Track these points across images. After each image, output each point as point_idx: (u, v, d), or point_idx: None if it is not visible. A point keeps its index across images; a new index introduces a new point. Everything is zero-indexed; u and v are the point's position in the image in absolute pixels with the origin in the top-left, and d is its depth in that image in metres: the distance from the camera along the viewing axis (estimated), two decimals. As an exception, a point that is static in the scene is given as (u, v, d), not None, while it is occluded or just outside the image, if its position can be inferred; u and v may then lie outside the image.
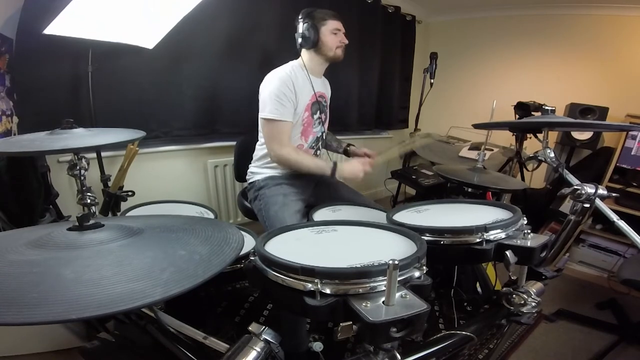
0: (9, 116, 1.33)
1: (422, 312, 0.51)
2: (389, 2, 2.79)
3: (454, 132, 3.22)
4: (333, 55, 1.38)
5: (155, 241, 0.57)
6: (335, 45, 1.36)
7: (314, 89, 1.39)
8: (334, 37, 1.35)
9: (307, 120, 1.41)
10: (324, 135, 1.54)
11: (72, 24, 1.21)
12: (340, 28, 1.37)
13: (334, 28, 1.35)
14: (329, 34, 1.34)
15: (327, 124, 1.56)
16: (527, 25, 2.80)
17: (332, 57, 1.39)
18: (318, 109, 1.44)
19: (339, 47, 1.37)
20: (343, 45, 1.38)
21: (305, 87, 1.36)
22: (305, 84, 1.36)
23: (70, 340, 1.28)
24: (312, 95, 1.39)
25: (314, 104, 1.41)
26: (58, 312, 0.37)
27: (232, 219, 2.22)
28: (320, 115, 1.46)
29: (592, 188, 0.82)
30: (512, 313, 0.90)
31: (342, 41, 1.37)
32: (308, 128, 1.43)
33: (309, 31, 1.32)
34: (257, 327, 0.59)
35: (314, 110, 1.42)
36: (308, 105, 1.38)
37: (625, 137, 2.13)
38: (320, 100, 1.44)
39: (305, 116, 1.39)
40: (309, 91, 1.38)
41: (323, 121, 1.50)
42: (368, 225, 0.86)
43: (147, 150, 1.77)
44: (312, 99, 1.39)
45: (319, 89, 1.43)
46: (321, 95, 1.45)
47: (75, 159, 1.02)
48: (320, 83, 1.48)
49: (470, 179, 1.42)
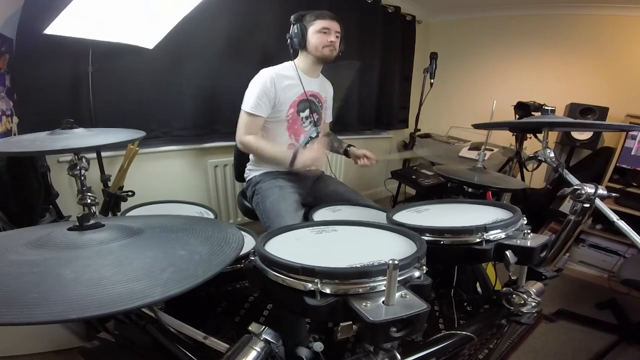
0: (9, 116, 1.33)
1: (422, 312, 0.51)
2: (389, 2, 2.79)
3: (454, 132, 3.22)
4: (320, 55, 1.37)
5: (155, 241, 0.57)
6: (321, 45, 1.35)
7: (304, 88, 1.39)
8: (321, 36, 1.34)
9: (292, 117, 1.41)
10: (318, 136, 1.52)
11: (72, 24, 1.21)
12: (329, 27, 1.35)
13: (322, 27, 1.34)
14: (314, 33, 1.34)
15: (323, 125, 1.55)
16: (527, 25, 2.80)
17: (319, 57, 1.39)
18: (308, 107, 1.44)
19: (325, 47, 1.36)
20: (331, 45, 1.36)
21: (291, 84, 1.38)
22: (292, 81, 1.38)
23: (70, 340, 1.28)
24: (302, 93, 1.40)
25: (302, 102, 1.41)
26: (58, 312, 0.37)
27: (232, 219, 2.22)
28: (311, 115, 1.46)
29: (592, 188, 0.82)
30: (512, 313, 0.90)
31: (330, 40, 1.35)
32: (294, 125, 1.42)
33: (296, 33, 1.35)
34: (257, 327, 0.59)
35: (300, 108, 1.42)
36: (294, 102, 1.39)
37: (625, 137, 2.13)
38: (312, 99, 1.44)
39: (290, 112, 1.39)
40: (298, 89, 1.39)
41: (315, 121, 1.48)
42: (368, 225, 0.86)
43: (147, 150, 1.77)
44: (300, 97, 1.40)
45: (312, 89, 1.44)
46: (313, 94, 1.45)
47: (76, 159, 1.02)
48: (316, 83, 1.47)
49: (471, 178, 1.42)
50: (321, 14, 1.36)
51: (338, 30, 1.38)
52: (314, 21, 1.34)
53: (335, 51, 1.39)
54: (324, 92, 1.54)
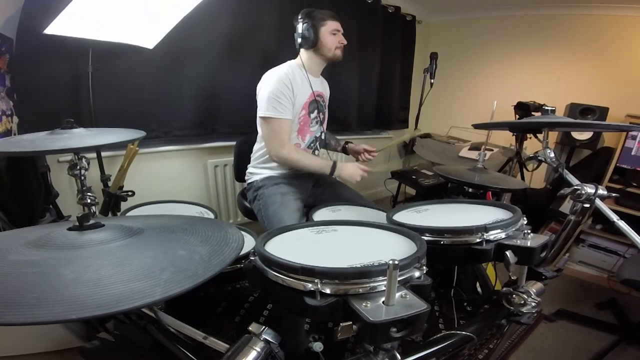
0: (9, 116, 1.33)
1: (422, 312, 0.51)
2: (389, 2, 2.79)
3: (454, 132, 3.21)
4: (332, 55, 1.39)
5: (155, 241, 0.57)
6: (334, 46, 1.37)
7: (312, 88, 1.39)
8: (333, 37, 1.36)
9: (304, 119, 1.41)
10: (322, 135, 1.54)
11: (72, 24, 1.21)
12: (339, 29, 1.38)
13: (333, 29, 1.36)
14: (328, 34, 1.35)
15: (325, 124, 1.56)
16: (527, 25, 2.80)
17: (331, 58, 1.40)
18: (316, 107, 1.44)
19: (338, 48, 1.38)
20: (342, 46, 1.39)
21: (303, 85, 1.37)
22: (303, 82, 1.37)
23: (70, 340, 1.28)
24: (310, 94, 1.40)
25: (312, 102, 1.42)
26: (58, 312, 0.37)
27: (232, 219, 2.22)
28: (317, 115, 1.47)
29: (592, 188, 0.82)
30: (512, 313, 0.90)
31: (341, 42, 1.39)
32: (304, 127, 1.43)
33: (308, 31, 1.33)
34: (257, 327, 0.59)
35: (311, 109, 1.42)
36: (306, 103, 1.39)
37: (625, 137, 2.13)
38: (319, 99, 1.45)
39: (302, 114, 1.39)
40: (307, 90, 1.39)
41: (321, 121, 1.50)
42: (368, 225, 0.86)
43: (147, 150, 1.77)
44: (309, 98, 1.40)
45: (317, 89, 1.44)
46: (319, 94, 1.46)
47: (76, 159, 1.02)
48: (319, 83, 1.48)
49: (471, 179, 1.42)
50: (331, 15, 1.37)
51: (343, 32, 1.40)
52: (325, 21, 1.35)
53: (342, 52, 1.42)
54: (325, 91, 1.55)
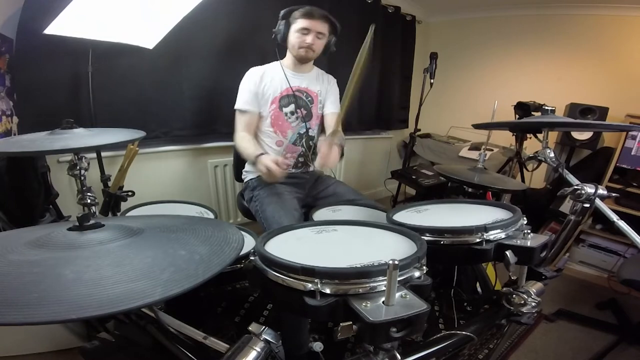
0: (9, 116, 1.33)
1: (422, 312, 0.51)
2: (389, 2, 2.79)
3: (454, 132, 3.22)
4: (296, 54, 1.38)
5: (155, 241, 0.57)
6: (297, 45, 1.35)
7: (289, 83, 1.40)
8: (300, 36, 1.34)
9: (275, 113, 1.40)
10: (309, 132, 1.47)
11: (72, 24, 1.21)
12: (309, 28, 1.32)
13: (302, 27, 1.32)
14: (294, 33, 1.35)
15: (313, 121, 1.50)
16: (527, 25, 2.80)
17: (296, 57, 1.40)
18: (293, 102, 1.42)
19: (301, 48, 1.35)
20: (307, 46, 1.34)
21: (274, 80, 1.39)
22: (276, 77, 1.39)
23: (70, 340, 1.28)
24: (286, 88, 1.40)
25: (286, 97, 1.41)
26: (58, 312, 0.37)
27: (232, 219, 2.22)
28: (297, 110, 1.43)
29: (592, 188, 0.82)
30: (512, 313, 0.90)
31: (305, 42, 1.33)
32: (279, 122, 1.41)
33: (280, 29, 1.37)
34: (257, 327, 0.59)
35: (283, 104, 1.41)
36: (276, 98, 1.40)
37: (625, 137, 2.12)
38: (299, 94, 1.43)
39: (272, 108, 1.40)
40: (280, 85, 1.40)
41: (303, 117, 1.44)
42: (368, 225, 0.86)
43: (147, 150, 1.77)
44: (283, 92, 1.40)
45: (299, 84, 1.43)
46: (300, 90, 1.44)
47: (75, 159, 1.02)
48: (306, 78, 1.46)
49: (471, 179, 1.42)
50: (306, 13, 1.32)
51: (321, 31, 1.34)
52: (297, 19, 1.33)
53: (312, 52, 1.37)
54: (317, 86, 1.49)
